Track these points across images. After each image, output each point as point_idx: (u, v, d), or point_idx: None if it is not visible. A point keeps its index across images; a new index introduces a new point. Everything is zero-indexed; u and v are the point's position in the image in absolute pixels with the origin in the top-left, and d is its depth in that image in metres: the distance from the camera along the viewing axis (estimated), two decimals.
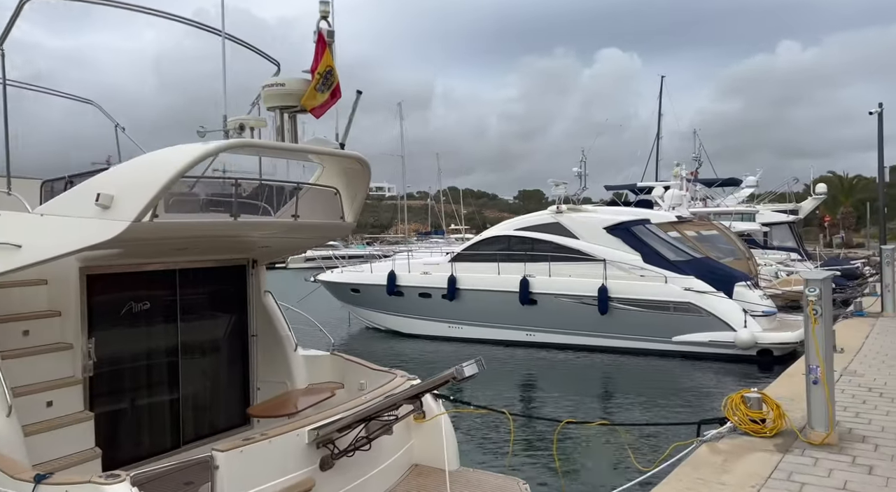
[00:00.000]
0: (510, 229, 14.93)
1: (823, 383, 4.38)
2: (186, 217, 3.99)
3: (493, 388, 11.28)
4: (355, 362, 5.96)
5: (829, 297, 4.50)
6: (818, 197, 26.58)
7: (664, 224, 15.94)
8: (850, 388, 6.13)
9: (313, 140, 4.62)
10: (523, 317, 14.10)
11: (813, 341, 4.40)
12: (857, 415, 5.27)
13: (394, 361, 13.52)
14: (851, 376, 6.53)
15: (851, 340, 8.41)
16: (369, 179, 5.14)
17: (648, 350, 13.09)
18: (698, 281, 12.81)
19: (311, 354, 6.10)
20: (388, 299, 15.46)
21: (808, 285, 4.42)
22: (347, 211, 5.18)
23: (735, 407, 4.69)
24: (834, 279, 16.92)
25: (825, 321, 4.43)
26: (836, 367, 6.53)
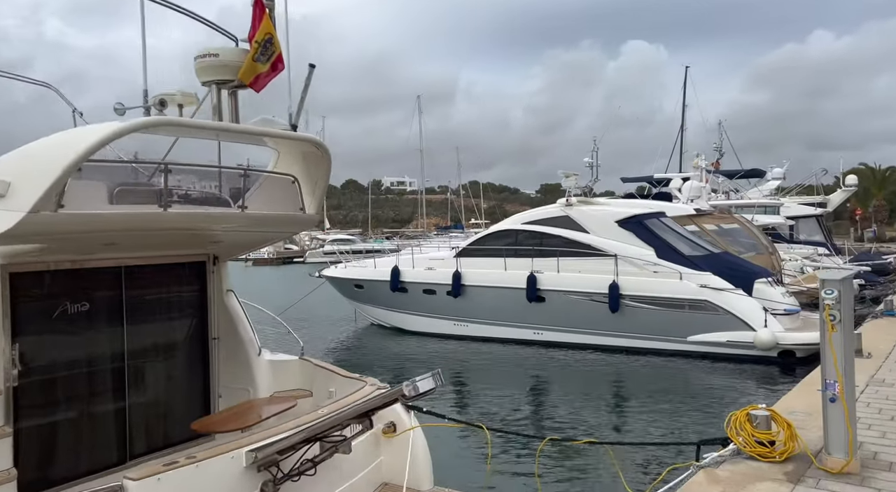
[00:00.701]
0: (518, 223, 14.33)
1: (842, 401, 3.76)
2: (101, 208, 3.50)
3: (496, 389, 10.79)
4: (325, 369, 5.48)
5: (850, 300, 3.88)
6: (848, 189, 25.36)
7: (681, 217, 15.18)
8: (876, 400, 5.46)
9: (259, 120, 4.12)
10: (531, 314, 13.52)
11: (830, 352, 3.79)
12: (884, 435, 4.61)
13: (396, 360, 13.12)
14: (879, 387, 5.84)
15: (880, 344, 7.67)
16: (329, 166, 4.63)
17: (662, 350, 12.41)
18: (715, 277, 12.08)
19: (278, 359, 5.62)
20: (392, 296, 15.00)
21: (824, 286, 3.81)
22: (308, 201, 4.68)
23: (739, 426, 4.09)
24: (863, 275, 15.95)
25: (845, 328, 3.81)
26: (862, 375, 5.87)
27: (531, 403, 9.91)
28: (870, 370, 6.31)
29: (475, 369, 12.37)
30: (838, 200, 25.86)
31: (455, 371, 12.20)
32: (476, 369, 12.42)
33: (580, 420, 8.88)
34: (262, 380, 5.34)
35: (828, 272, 4.06)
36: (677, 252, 12.64)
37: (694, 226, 15.36)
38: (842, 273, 3.92)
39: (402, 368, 12.45)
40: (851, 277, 4.00)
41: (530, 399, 10.16)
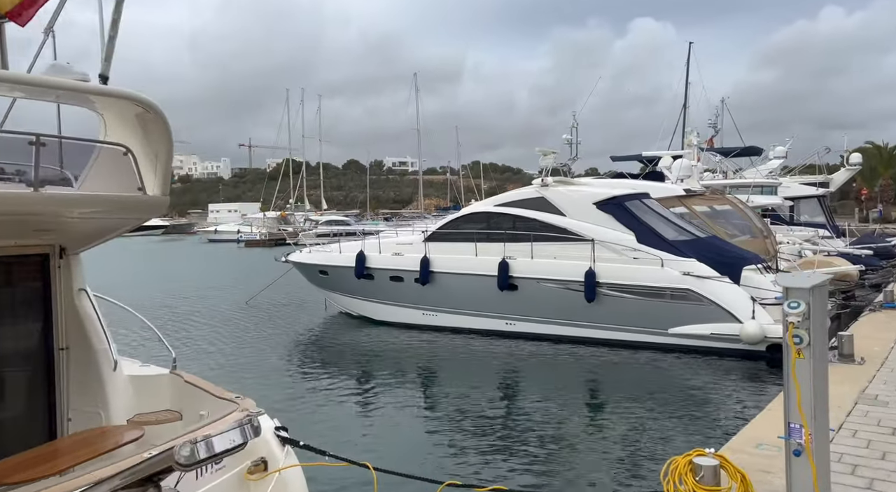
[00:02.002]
0: (490, 205, 13.31)
1: (809, 458, 2.80)
2: None
3: (459, 386, 9.93)
4: (196, 387, 4.52)
5: (823, 314, 2.91)
6: (851, 168, 24.11)
7: (668, 198, 14.11)
8: (865, 428, 4.48)
9: (49, 69, 3.13)
10: (503, 304, 12.57)
11: (794, 388, 2.83)
12: (871, 485, 3.60)
13: (360, 354, 12.17)
14: (870, 406, 4.85)
15: (875, 345, 6.68)
16: (169, 133, 3.64)
17: (641, 343, 11.47)
18: (700, 264, 11.08)
19: (142, 374, 4.68)
20: (358, 283, 14.06)
21: (788, 297, 2.84)
22: (149, 179, 3.71)
23: (679, 479, 3.12)
24: (865, 259, 14.84)
25: (816, 354, 2.84)
26: (851, 389, 4.90)
27: (493, 404, 9.02)
28: (860, 382, 5.33)
29: (440, 364, 11.48)
30: (841, 179, 24.63)
31: (419, 366, 11.32)
32: (441, 363, 11.52)
33: (541, 425, 7.98)
34: (119, 400, 4.40)
35: (793, 277, 3.09)
36: (659, 237, 11.62)
37: (683, 208, 14.31)
38: (812, 278, 2.93)
39: (366, 362, 11.58)
40: (825, 284, 3.03)
41: (492, 399, 9.27)
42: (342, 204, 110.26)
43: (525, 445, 7.22)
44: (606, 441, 7.41)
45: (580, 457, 6.91)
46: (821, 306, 2.85)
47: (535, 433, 7.65)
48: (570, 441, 7.37)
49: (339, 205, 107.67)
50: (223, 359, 11.71)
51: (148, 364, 4.84)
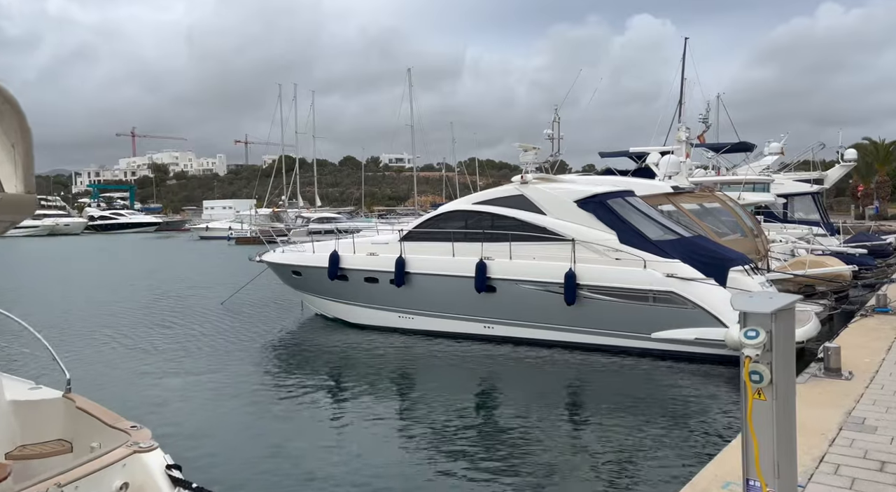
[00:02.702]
0: (468, 203, 12.76)
1: None
2: None
3: (439, 392, 9.42)
4: (88, 414, 3.98)
5: (790, 346, 2.39)
6: (847, 164, 23.60)
7: (655, 196, 13.63)
8: (850, 460, 3.91)
9: None
10: (480, 306, 12.04)
11: (751, 438, 2.30)
12: None
13: (332, 359, 11.60)
14: (856, 433, 4.30)
15: (865, 355, 6.16)
16: (24, 122, 3.10)
17: (623, 348, 10.95)
18: (684, 265, 10.56)
19: (30, 399, 4.14)
20: (331, 284, 13.51)
21: (745, 323, 2.32)
22: (7, 175, 3.18)
23: None
24: (859, 258, 14.31)
25: (779, 395, 2.31)
26: (836, 411, 4.38)
27: (468, 412, 8.54)
28: (846, 402, 4.80)
29: (415, 370, 10.95)
30: (836, 175, 24.13)
31: (392, 372, 10.78)
32: (416, 369, 10.99)
33: (520, 435, 7.53)
34: None
35: (751, 299, 2.56)
36: (642, 236, 11.09)
37: (671, 205, 13.81)
38: (775, 300, 2.40)
39: (336, 368, 11.03)
40: (791, 307, 2.50)
41: (468, 407, 8.80)
42: (338, 201, 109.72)
43: (503, 456, 6.83)
44: (586, 452, 7.01)
45: (559, 469, 6.52)
46: (786, 335, 2.33)
47: (513, 444, 7.24)
48: (549, 452, 6.96)
49: (335, 202, 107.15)
50: (182, 365, 11.18)
51: (40, 386, 4.30)
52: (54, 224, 77.37)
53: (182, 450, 7.08)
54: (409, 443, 7.36)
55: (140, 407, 8.77)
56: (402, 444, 7.36)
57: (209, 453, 7.02)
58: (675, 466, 6.50)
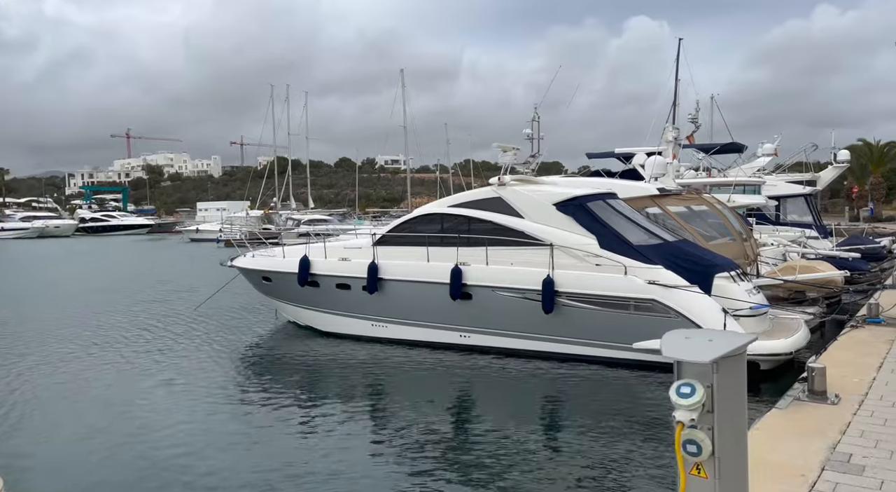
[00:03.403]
0: (444, 206, 12.21)
1: None
2: None
3: (412, 405, 8.95)
4: None
5: (741, 403, 1.85)
6: (839, 165, 23.14)
7: (640, 198, 13.10)
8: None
9: None
10: (456, 314, 11.49)
11: None
12: None
13: (297, 370, 10.97)
14: (841, 474, 3.68)
15: (854, 374, 5.63)
16: None
17: (604, 359, 10.42)
18: (667, 272, 10.03)
19: None
20: (301, 291, 12.94)
21: (680, 375, 1.78)
22: None
23: None
24: (852, 262, 13.77)
25: (724, 475, 1.76)
26: (820, 444, 3.85)
27: (443, 427, 8.15)
28: (831, 432, 4.22)
29: (387, 381, 10.42)
30: (829, 177, 23.66)
31: (363, 384, 10.26)
32: (388, 380, 10.46)
33: (497, 451, 7.09)
34: None
35: (687, 341, 2.03)
36: (623, 241, 10.55)
37: (657, 208, 13.28)
38: (717, 345, 1.85)
39: (304, 380, 10.50)
40: (742, 349, 1.96)
41: (443, 421, 8.40)
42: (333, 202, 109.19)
43: (478, 470, 6.48)
44: (564, 467, 6.62)
45: (535, 483, 6.18)
46: (735, 390, 1.78)
47: (489, 457, 6.86)
48: (526, 467, 6.58)
49: (330, 203, 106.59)
50: (147, 375, 10.63)
51: None
52: (44, 226, 76.63)
53: (142, 460, 6.97)
54: (381, 458, 7.03)
55: (100, 419, 8.40)
56: (373, 458, 7.03)
57: (170, 465, 6.80)
58: (657, 477, 6.05)
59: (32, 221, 77.72)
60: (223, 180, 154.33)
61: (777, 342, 9.34)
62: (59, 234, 75.45)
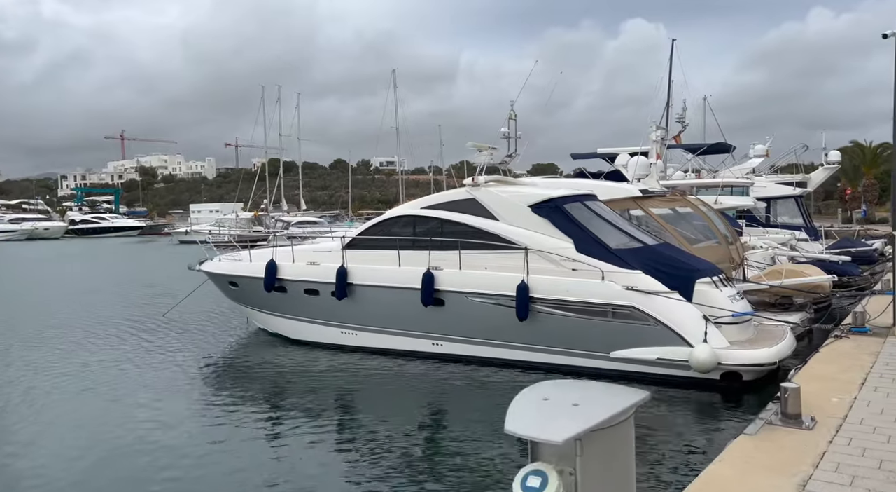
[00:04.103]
0: (417, 208, 11.71)
1: None
2: None
3: (382, 417, 8.52)
4: None
5: None
6: (830, 166, 22.75)
7: (622, 200, 12.64)
8: None
9: None
10: (428, 321, 10.99)
11: None
12: None
13: (266, 381, 10.52)
14: None
15: (834, 392, 5.15)
16: None
17: (581, 368, 9.93)
18: (646, 277, 9.55)
19: None
20: (269, 296, 12.41)
21: (533, 459, 1.27)
22: None
23: None
24: (841, 266, 13.30)
25: None
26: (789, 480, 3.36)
27: (414, 441, 7.72)
28: (804, 464, 3.69)
29: (356, 392, 9.92)
30: (819, 178, 23.26)
31: (331, 395, 9.76)
32: (357, 391, 9.97)
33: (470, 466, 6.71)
34: None
35: (541, 407, 1.51)
36: (601, 244, 10.07)
37: (639, 210, 12.82)
38: (574, 422, 1.32)
39: (273, 389, 10.01)
40: (625, 413, 1.46)
41: (414, 435, 7.96)
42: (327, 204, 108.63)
43: (450, 485, 6.20)
44: None
45: None
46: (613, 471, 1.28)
47: (461, 471, 6.53)
48: (498, 481, 6.23)
49: (324, 205, 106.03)
50: (107, 384, 10.15)
51: None
52: (33, 228, 75.92)
53: (98, 473, 6.75)
54: (349, 471, 6.69)
55: (56, 431, 8.00)
56: (341, 472, 6.69)
57: (130, 477, 6.61)
58: None
59: (21, 223, 76.99)
60: (217, 182, 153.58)
61: (760, 352, 8.87)
62: (48, 236, 74.79)
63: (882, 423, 4.51)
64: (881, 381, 5.54)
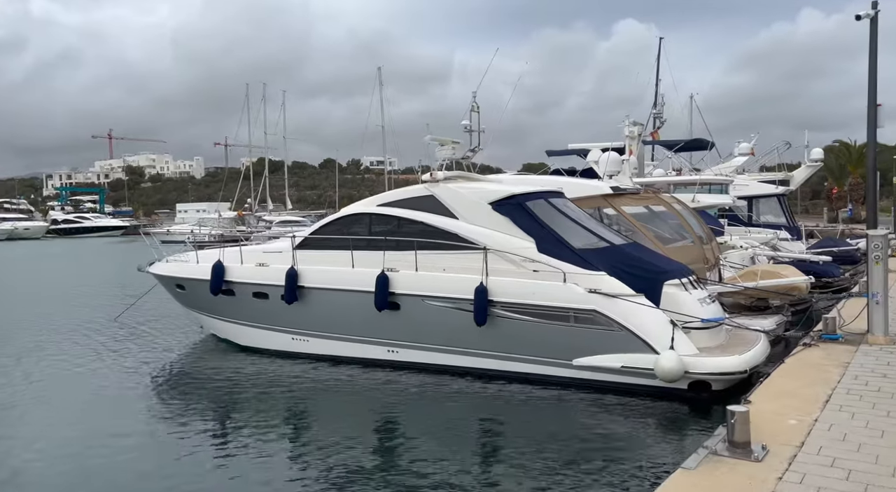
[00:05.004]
0: (372, 206, 11.03)
1: None
2: None
3: (335, 430, 7.90)
4: None
5: None
6: (813, 164, 22.26)
7: (591, 198, 12.01)
8: None
9: None
10: (383, 327, 10.31)
11: None
12: None
13: (219, 387, 9.88)
14: None
15: (793, 411, 4.51)
16: None
17: (542, 376, 9.30)
18: (610, 279, 8.92)
19: None
20: (216, 300, 11.68)
21: None
22: None
23: None
24: (822, 267, 12.72)
25: None
26: None
27: (368, 455, 7.13)
28: None
29: (307, 402, 9.27)
30: (802, 176, 22.78)
31: (282, 405, 9.08)
32: (308, 400, 9.32)
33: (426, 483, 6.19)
34: None
35: None
36: (564, 244, 9.43)
37: (610, 209, 12.20)
38: None
39: (221, 400, 9.33)
40: None
41: (368, 448, 7.38)
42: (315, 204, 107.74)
43: None
44: None
45: None
46: None
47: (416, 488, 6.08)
48: None
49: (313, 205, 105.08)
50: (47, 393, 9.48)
51: None
52: (13, 228, 74.54)
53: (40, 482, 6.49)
54: (294, 486, 6.29)
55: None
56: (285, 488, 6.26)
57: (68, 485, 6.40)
58: None
59: (1, 223, 75.61)
60: (205, 181, 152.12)
61: (730, 359, 8.26)
62: (28, 236, 73.55)
63: (842, 453, 3.87)
64: (847, 398, 4.93)
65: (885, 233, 7.21)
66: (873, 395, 4.96)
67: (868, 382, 5.36)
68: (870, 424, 4.29)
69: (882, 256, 6.75)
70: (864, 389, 5.18)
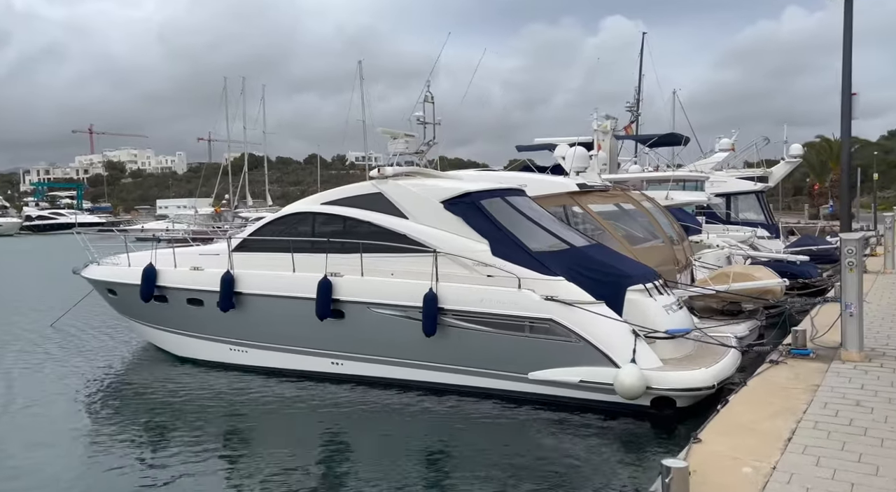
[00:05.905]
0: (316, 204, 10.18)
1: None
2: None
3: (273, 450, 7.24)
4: None
5: None
6: (792, 160, 21.74)
7: (556, 195, 11.28)
8: None
9: None
10: (326, 337, 9.47)
11: None
12: None
13: (150, 402, 9.02)
14: None
15: (749, 455, 3.74)
16: None
17: (495, 391, 8.53)
18: (569, 284, 8.17)
19: None
20: (147, 307, 10.77)
21: None
22: None
23: None
24: (800, 267, 11.99)
25: None
26: None
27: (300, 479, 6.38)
28: None
29: (244, 419, 8.45)
30: (781, 172, 22.25)
31: (217, 422, 8.25)
32: (245, 418, 8.49)
33: None
34: None
35: None
36: (520, 247, 8.65)
37: (577, 207, 11.47)
38: None
39: (152, 416, 8.49)
40: None
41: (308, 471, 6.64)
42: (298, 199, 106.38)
43: None
44: None
45: None
46: None
47: None
48: None
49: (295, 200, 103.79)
50: None
51: None
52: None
53: None
54: None
55: None
56: None
57: None
58: None
59: None
60: (187, 177, 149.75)
61: (695, 374, 7.53)
62: (1, 232, 71.73)
63: None
64: (813, 435, 4.17)
65: (859, 237, 6.49)
66: (844, 430, 4.22)
67: (838, 411, 4.63)
68: (837, 474, 3.54)
69: (857, 262, 6.03)
70: (834, 421, 4.44)
